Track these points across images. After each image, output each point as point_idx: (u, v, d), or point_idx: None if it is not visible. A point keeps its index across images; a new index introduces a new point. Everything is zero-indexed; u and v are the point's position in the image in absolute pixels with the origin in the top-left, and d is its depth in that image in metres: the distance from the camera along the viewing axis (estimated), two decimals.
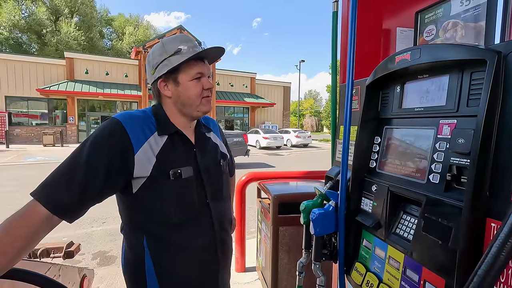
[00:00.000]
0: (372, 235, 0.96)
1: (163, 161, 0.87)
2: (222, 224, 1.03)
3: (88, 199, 0.77)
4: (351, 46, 0.95)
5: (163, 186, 0.87)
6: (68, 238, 3.54)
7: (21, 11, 26.69)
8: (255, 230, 3.86)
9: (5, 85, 16.82)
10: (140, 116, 0.91)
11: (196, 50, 0.90)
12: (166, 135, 0.91)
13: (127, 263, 0.94)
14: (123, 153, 0.82)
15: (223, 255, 1.03)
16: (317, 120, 53.39)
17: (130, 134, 0.84)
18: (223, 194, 1.05)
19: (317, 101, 65.59)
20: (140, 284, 0.91)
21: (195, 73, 0.90)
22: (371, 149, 1.01)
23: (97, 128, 0.85)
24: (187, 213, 0.92)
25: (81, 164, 0.76)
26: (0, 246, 0.64)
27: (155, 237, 0.90)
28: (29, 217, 0.70)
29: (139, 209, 0.89)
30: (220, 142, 1.12)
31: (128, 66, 19.65)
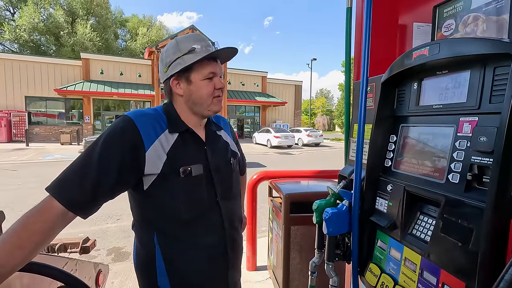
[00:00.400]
0: (387, 235, 0.93)
1: (173, 158, 0.87)
2: (232, 222, 1.03)
3: (100, 195, 0.79)
4: (366, 42, 0.93)
5: (173, 184, 0.88)
6: (84, 233, 3.64)
7: (40, 14, 27.55)
8: (266, 229, 3.86)
9: (25, 85, 17.44)
10: (151, 114, 0.92)
11: (209, 50, 0.90)
12: (177, 133, 0.92)
13: (139, 260, 0.96)
14: (135, 150, 0.83)
15: (233, 253, 1.03)
16: (329, 119, 52.83)
17: (141, 131, 0.85)
18: (233, 192, 1.05)
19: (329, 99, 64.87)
20: (151, 280, 0.92)
21: (207, 72, 0.91)
22: (386, 147, 0.99)
23: (109, 126, 0.86)
24: (196, 211, 0.92)
25: (94, 162, 0.78)
26: (18, 241, 0.66)
27: (165, 234, 0.91)
28: (45, 212, 0.72)
29: (150, 206, 0.90)
30: (230, 141, 1.12)
31: (141, 66, 19.99)
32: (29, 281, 0.77)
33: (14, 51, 27.32)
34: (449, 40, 0.76)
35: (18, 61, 17.44)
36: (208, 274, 0.96)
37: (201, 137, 0.97)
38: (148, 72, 19.93)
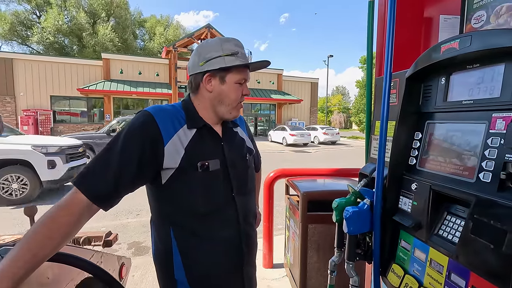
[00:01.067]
0: (411, 236, 0.91)
1: (191, 153, 0.89)
2: (247, 218, 1.04)
3: (122, 187, 0.81)
4: (390, 37, 0.90)
5: (191, 178, 0.89)
6: (106, 228, 3.78)
7: (64, 17, 28.66)
8: (282, 227, 3.85)
9: (50, 85, 18.23)
10: (170, 109, 0.94)
11: (246, 58, 0.96)
12: (195, 128, 0.93)
13: (157, 254, 0.98)
14: (154, 143, 0.85)
15: (248, 248, 1.04)
16: (346, 117, 51.87)
17: (160, 126, 0.87)
18: (248, 188, 1.06)
19: (346, 97, 63.67)
20: (168, 273, 0.95)
21: (241, 77, 0.95)
22: (410, 145, 0.96)
23: (130, 120, 0.88)
24: (213, 205, 0.94)
25: (116, 155, 0.80)
26: (48, 232, 0.69)
27: (181, 228, 0.93)
28: (72, 205, 0.74)
29: (168, 200, 0.92)
30: (246, 138, 1.13)
31: (159, 65, 20.39)
32: (59, 271, 0.80)
33: (40, 52, 28.62)
34: (482, 32, 0.72)
35: (44, 62, 18.25)
36: (223, 268, 0.98)
37: (218, 133, 0.99)
38: (166, 71, 20.31)
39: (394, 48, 0.92)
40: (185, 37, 18.91)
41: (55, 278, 0.77)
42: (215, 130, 0.98)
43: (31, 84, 17.78)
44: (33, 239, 0.67)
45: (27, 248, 0.65)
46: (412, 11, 1.23)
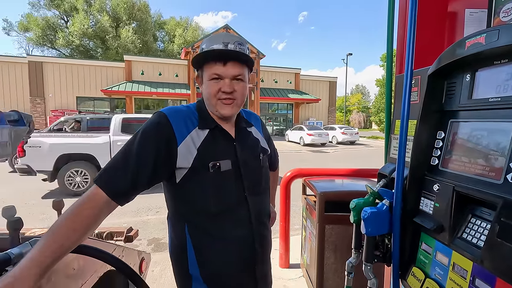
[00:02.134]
0: (433, 238, 0.87)
1: (203, 153, 0.91)
2: (260, 217, 1.04)
3: (139, 185, 0.85)
4: (411, 33, 0.87)
5: (203, 178, 0.91)
6: (127, 224, 3.91)
7: (89, 21, 29.91)
8: (298, 227, 3.83)
9: (76, 87, 19.11)
10: (184, 110, 0.96)
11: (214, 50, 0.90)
12: (208, 129, 0.95)
13: (172, 249, 1.01)
14: (168, 144, 0.88)
15: (261, 248, 1.04)
16: (365, 116, 50.61)
17: (174, 126, 0.89)
18: (261, 188, 1.06)
19: (365, 96, 62.16)
20: (183, 269, 0.97)
21: (211, 73, 0.91)
22: (432, 145, 0.92)
23: (146, 121, 0.92)
24: (225, 205, 0.95)
25: (133, 154, 0.84)
26: (72, 224, 0.73)
27: (195, 226, 0.95)
28: (93, 201, 0.78)
29: (181, 198, 0.95)
30: (261, 137, 1.13)
31: (178, 66, 20.83)
32: (84, 263, 0.84)
33: (67, 55, 30.05)
34: (510, 26, 0.68)
35: (71, 65, 19.16)
36: (236, 267, 0.99)
37: (230, 134, 1.00)
38: (185, 72, 20.71)
39: (416, 44, 0.90)
40: (203, 38, 19.17)
41: (80, 269, 0.81)
42: (227, 131, 0.99)
43: (59, 86, 18.71)
44: (59, 231, 0.71)
45: (53, 239, 0.68)
46: (435, 6, 1.19)
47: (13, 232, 0.75)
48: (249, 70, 0.98)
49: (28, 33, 31.42)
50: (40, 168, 5.54)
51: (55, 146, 5.61)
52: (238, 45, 0.90)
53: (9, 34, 32.80)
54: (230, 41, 0.90)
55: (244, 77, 0.94)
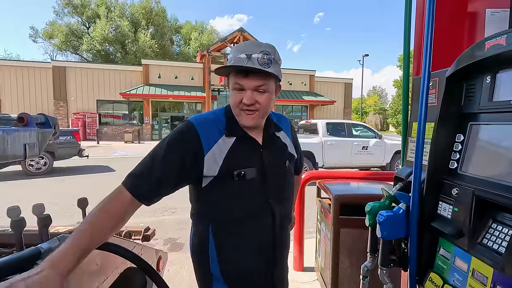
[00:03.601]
0: (451, 244, 0.86)
1: (229, 162, 0.92)
2: (282, 223, 1.05)
3: (163, 190, 0.88)
4: (428, 34, 0.86)
5: (228, 186, 0.93)
6: (144, 223, 4.01)
7: (110, 27, 30.99)
8: (312, 230, 3.79)
9: (97, 90, 19.82)
10: (211, 118, 0.97)
11: (240, 62, 0.87)
12: (234, 136, 0.95)
13: (194, 247, 1.03)
14: (195, 154, 0.90)
15: (280, 252, 1.06)
16: (382, 118, 49.48)
17: (201, 136, 0.91)
18: (285, 195, 1.06)
19: (382, 97, 60.80)
20: (204, 267, 0.99)
21: (233, 83, 0.91)
22: (451, 148, 0.91)
23: (174, 129, 0.94)
24: (248, 212, 0.96)
25: (159, 162, 0.87)
26: (100, 222, 0.77)
27: (219, 226, 0.97)
28: (119, 200, 0.82)
29: (206, 202, 0.97)
30: (289, 143, 1.11)
31: (194, 70, 21.18)
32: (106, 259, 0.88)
33: (88, 60, 31.23)
34: None
35: (92, 69, 19.90)
36: (255, 269, 1.01)
37: (257, 141, 0.99)
38: (200, 75, 21.02)
39: (433, 46, 0.88)
40: (219, 42, 19.42)
41: (102, 265, 0.85)
42: (254, 138, 0.98)
43: (80, 89, 19.46)
44: (89, 228, 0.74)
45: (82, 236, 0.72)
46: (453, 6, 1.16)
47: (43, 228, 0.80)
48: (276, 80, 0.95)
49: (53, 39, 32.91)
50: None
51: None
52: (265, 55, 0.87)
53: (35, 41, 34.48)
54: (255, 51, 0.87)
55: (269, 87, 0.91)
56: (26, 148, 1.54)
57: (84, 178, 7.57)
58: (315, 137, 7.73)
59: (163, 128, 21.13)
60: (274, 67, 0.89)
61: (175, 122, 21.14)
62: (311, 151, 7.36)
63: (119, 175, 7.67)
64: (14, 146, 1.47)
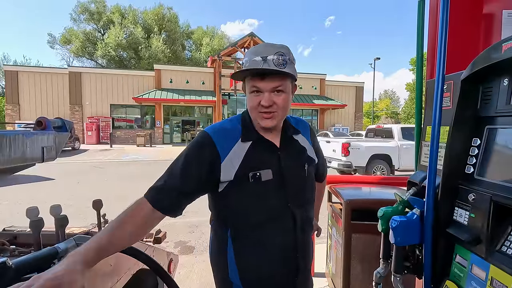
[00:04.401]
0: (468, 251, 0.83)
1: (245, 165, 0.92)
2: (304, 228, 1.02)
3: (183, 201, 0.90)
4: (442, 36, 0.85)
5: (244, 188, 0.92)
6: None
7: (123, 33, 31.82)
8: (323, 235, 3.74)
9: (111, 95, 20.32)
10: (227, 127, 0.98)
11: (256, 65, 0.88)
12: (250, 141, 0.96)
13: (213, 251, 1.03)
14: (212, 163, 0.91)
15: (303, 258, 1.02)
16: (394, 122, 48.66)
17: (217, 145, 0.92)
18: (306, 198, 1.04)
19: (394, 101, 59.82)
20: (223, 273, 0.98)
21: (250, 86, 0.92)
22: (467, 152, 0.88)
23: (191, 141, 0.96)
24: (266, 214, 0.94)
25: (177, 174, 0.89)
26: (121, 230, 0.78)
27: (237, 232, 0.96)
28: (141, 210, 0.84)
29: (224, 206, 0.97)
30: (309, 146, 1.10)
31: (205, 74, 21.45)
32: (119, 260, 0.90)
33: (103, 66, 32.09)
34: None
35: (106, 75, 20.44)
36: (276, 275, 0.98)
37: (274, 143, 0.99)
38: (211, 79, 21.26)
39: (447, 48, 0.87)
40: (229, 46, 19.62)
41: (116, 266, 0.86)
42: (271, 141, 0.98)
43: (95, 94, 20.00)
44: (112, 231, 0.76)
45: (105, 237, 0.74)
46: (468, 7, 1.14)
47: (60, 229, 0.82)
48: (293, 79, 0.95)
49: (69, 45, 34.03)
50: (358, 164, 7.76)
51: (368, 148, 7.99)
52: (280, 56, 0.88)
53: (53, 47, 35.76)
54: (270, 52, 0.87)
55: (286, 87, 0.92)
56: (44, 151, 1.58)
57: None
58: (391, 141, 8.33)
59: (174, 132, 21.41)
60: (289, 67, 0.90)
61: (186, 126, 21.40)
62: (388, 154, 8.03)
63: (128, 178, 7.78)
64: (33, 149, 1.52)
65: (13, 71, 19.44)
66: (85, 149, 16.02)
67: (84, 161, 11.70)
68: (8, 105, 19.18)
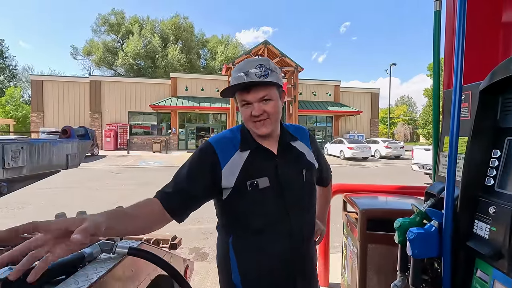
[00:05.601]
0: (489, 265, 0.81)
1: (244, 174, 0.97)
2: (302, 234, 1.04)
3: (190, 204, 0.95)
4: (459, 46, 0.85)
5: (243, 196, 0.97)
6: (170, 232, 4.12)
7: (141, 43, 32.94)
8: (337, 245, 3.68)
9: (128, 102, 20.97)
10: (228, 136, 1.04)
11: (240, 80, 0.95)
12: (248, 150, 1.01)
13: (218, 258, 1.08)
14: (213, 168, 0.97)
15: (302, 263, 1.05)
16: (412, 129, 47.41)
17: (218, 152, 0.98)
18: (305, 204, 1.06)
19: (411, 107, 58.43)
20: (227, 277, 1.03)
21: (240, 99, 0.99)
22: (486, 164, 0.87)
23: (195, 150, 1.03)
24: (265, 221, 0.98)
25: (184, 179, 0.95)
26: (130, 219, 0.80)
27: (239, 238, 1.01)
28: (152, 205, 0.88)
29: (227, 213, 1.03)
30: (308, 151, 1.12)
31: (219, 82, 21.79)
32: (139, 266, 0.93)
33: (121, 74, 33.26)
34: None
35: (124, 83, 21.16)
36: (276, 280, 1.01)
37: (272, 151, 1.03)
38: (225, 86, 21.45)
39: (465, 58, 0.86)
40: (243, 54, 19.86)
41: (136, 271, 0.89)
42: (269, 149, 1.03)
43: (113, 102, 20.70)
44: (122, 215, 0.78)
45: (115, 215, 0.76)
46: (486, 15, 1.13)
47: None
48: (278, 86, 1.00)
49: (91, 56, 35.55)
50: None
51: None
52: (260, 68, 0.94)
53: (75, 58, 37.51)
54: (251, 66, 0.94)
55: (272, 95, 0.97)
56: (68, 159, 1.66)
57: None
58: None
59: (189, 138, 21.76)
60: (272, 76, 0.95)
61: (200, 132, 21.70)
62: None
63: (144, 184, 7.95)
64: (59, 157, 1.60)
65: (39, 80, 20.46)
66: (104, 155, 16.52)
67: (103, 166, 12.06)
68: (34, 112, 20.16)
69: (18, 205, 5.65)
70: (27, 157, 1.06)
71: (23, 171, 1.05)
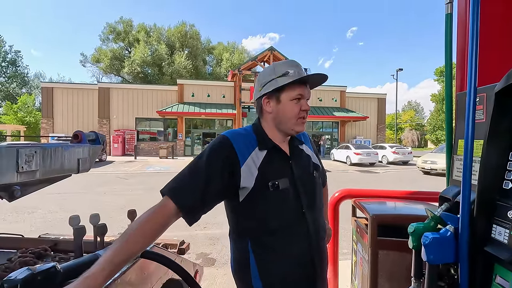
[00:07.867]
0: (509, 271, 0.79)
1: (263, 173, 0.95)
2: (318, 232, 1.05)
3: (205, 203, 0.91)
4: (473, 48, 0.84)
5: (264, 197, 0.96)
6: (177, 237, 4.11)
7: (148, 51, 33.50)
8: (346, 251, 3.63)
9: (136, 109, 21.25)
10: (243, 133, 1.03)
11: (301, 74, 0.98)
12: (266, 149, 1.00)
13: (236, 264, 1.04)
14: (232, 164, 0.94)
15: (320, 263, 1.04)
16: (419, 134, 46.86)
17: (236, 148, 0.96)
18: (317, 203, 1.08)
19: (419, 112, 57.85)
20: (247, 282, 1.00)
21: (296, 94, 0.99)
22: (504, 167, 0.85)
23: (211, 143, 0.99)
24: (284, 222, 0.98)
25: (202, 173, 0.91)
26: (141, 231, 0.81)
27: (257, 241, 0.98)
28: (164, 210, 0.86)
29: (244, 216, 1.00)
30: (312, 153, 1.15)
31: (225, 88, 21.96)
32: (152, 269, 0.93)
33: (129, 81, 33.79)
34: None
35: (132, 90, 21.48)
36: (297, 281, 1.00)
37: (286, 152, 1.04)
38: (231, 92, 21.70)
39: (479, 59, 0.85)
40: (249, 61, 20.01)
41: (149, 274, 0.89)
42: (284, 150, 1.04)
43: (121, 108, 21.00)
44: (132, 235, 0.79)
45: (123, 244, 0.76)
46: (500, 15, 1.12)
47: (100, 236, 0.87)
48: None
49: (99, 63, 36.26)
50: None
51: None
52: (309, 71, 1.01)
53: (84, 65, 38.33)
54: (300, 65, 1.02)
55: None
56: (79, 163, 1.69)
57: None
58: None
59: (195, 144, 21.89)
60: None
61: (206, 138, 21.81)
62: None
63: (151, 189, 8.00)
64: (70, 161, 1.62)
65: (49, 87, 20.92)
66: (111, 160, 16.69)
67: (111, 172, 12.17)
68: (44, 118, 20.56)
69: (28, 210, 5.73)
70: (40, 161, 1.08)
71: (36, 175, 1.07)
